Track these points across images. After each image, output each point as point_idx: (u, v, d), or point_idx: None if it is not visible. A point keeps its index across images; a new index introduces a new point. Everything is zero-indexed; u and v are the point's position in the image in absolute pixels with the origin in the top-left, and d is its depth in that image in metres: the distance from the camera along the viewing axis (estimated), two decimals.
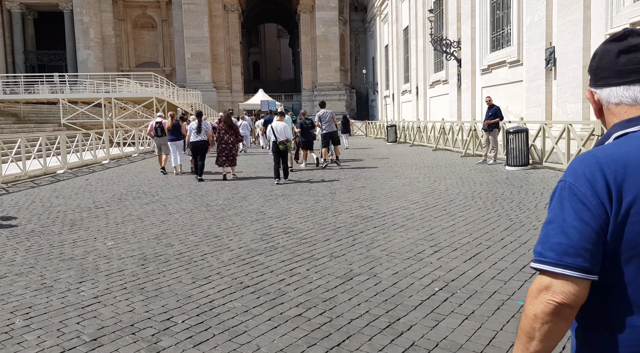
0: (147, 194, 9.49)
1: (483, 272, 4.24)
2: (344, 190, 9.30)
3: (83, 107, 23.39)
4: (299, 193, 9.13)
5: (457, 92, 24.93)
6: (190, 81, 50.11)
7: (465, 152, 14.89)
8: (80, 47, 51.62)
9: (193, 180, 11.62)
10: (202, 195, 9.21)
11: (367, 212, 7.06)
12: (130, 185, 10.96)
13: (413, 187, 9.45)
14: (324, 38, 54.39)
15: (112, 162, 16.99)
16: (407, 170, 12.39)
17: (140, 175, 13.09)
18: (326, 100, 54.19)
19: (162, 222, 6.78)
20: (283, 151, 10.66)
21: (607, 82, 1.12)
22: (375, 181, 10.47)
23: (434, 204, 7.51)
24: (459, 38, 24.33)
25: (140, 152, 20.52)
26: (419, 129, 20.78)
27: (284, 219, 6.77)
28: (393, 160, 15.30)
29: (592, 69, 1.17)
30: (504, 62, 19.17)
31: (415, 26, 33.79)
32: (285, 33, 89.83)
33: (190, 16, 51.33)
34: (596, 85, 1.15)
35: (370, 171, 12.43)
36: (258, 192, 9.38)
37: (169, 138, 13.09)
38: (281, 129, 10.70)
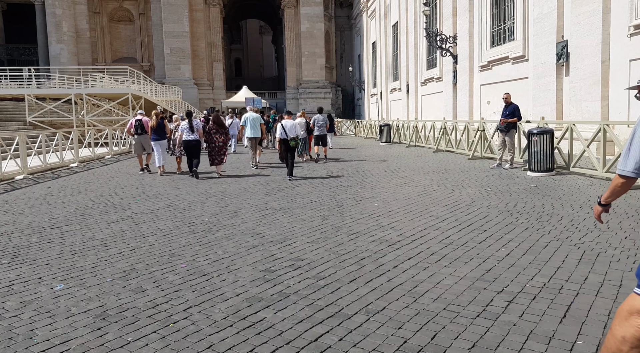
0: (118, 208, 7.95)
1: (598, 340, 2.91)
2: (352, 202, 7.93)
3: (52, 104, 21.48)
4: (299, 205, 7.72)
5: (452, 90, 23.80)
6: (170, 77, 48.11)
7: (473, 154, 13.68)
8: (53, 41, 49.08)
9: (174, 185, 10.12)
10: (183, 208, 7.73)
11: (390, 235, 5.70)
12: (99, 194, 9.38)
13: (431, 197, 8.13)
14: (309, 34, 52.95)
15: (81, 165, 15.28)
16: (415, 175, 11.09)
17: (112, 181, 11.49)
18: (311, 98, 53.34)
19: (133, 250, 5.30)
20: (293, 147, 11.31)
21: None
22: (385, 190, 9.13)
23: (468, 222, 6.19)
24: (455, 33, 23.19)
25: (115, 153, 18.79)
26: (416, 128, 19.54)
27: (289, 245, 5.37)
28: (394, 163, 14.00)
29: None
30: (507, 58, 18.06)
31: (405, 22, 32.62)
32: (268, 29, 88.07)
33: (170, 10, 49.28)
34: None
35: (374, 177, 11.09)
36: (250, 204, 7.94)
37: (152, 137, 12.68)
38: (291, 126, 11.48)
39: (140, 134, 13.00)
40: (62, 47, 49.27)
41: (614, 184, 2.42)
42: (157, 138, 12.68)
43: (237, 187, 10.00)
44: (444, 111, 24.78)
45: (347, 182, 10.37)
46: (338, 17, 59.58)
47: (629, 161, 2.31)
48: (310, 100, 52.55)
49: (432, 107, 27.75)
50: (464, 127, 14.91)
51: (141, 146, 13.14)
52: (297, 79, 53.87)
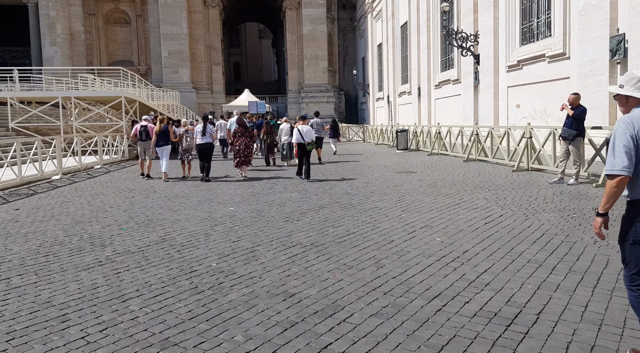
0: (96, 243, 6.05)
1: None
2: (403, 234, 6.04)
3: (37, 108, 19.57)
4: (334, 239, 5.84)
5: (473, 93, 21.99)
6: (167, 81, 46.27)
7: (518, 165, 11.81)
8: (46, 43, 47.28)
9: (171, 205, 8.22)
10: (182, 245, 5.83)
11: (495, 301, 3.82)
12: (76, 221, 7.47)
13: (505, 227, 6.26)
14: (311, 37, 51.25)
15: (65, 177, 13.37)
16: (460, 191, 9.22)
17: (97, 199, 9.59)
18: (314, 102, 51.53)
19: (104, 332, 3.41)
20: (309, 151, 11.68)
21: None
22: (436, 214, 7.24)
23: (592, 273, 4.31)
24: (477, 31, 21.41)
25: (105, 162, 16.87)
26: (438, 134, 17.68)
27: (345, 322, 3.48)
28: (424, 175, 12.13)
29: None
30: (542, 56, 16.25)
31: (417, 21, 30.86)
32: (267, 33, 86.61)
33: (168, 11, 47.52)
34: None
35: (412, 194, 9.21)
36: (269, 237, 6.06)
37: (157, 143, 12.45)
38: (307, 130, 11.73)
39: (144, 140, 12.86)
40: (55, 49, 47.52)
41: (607, 188, 2.61)
42: (161, 144, 12.43)
43: (247, 209, 8.11)
44: (463, 116, 22.98)
45: (382, 201, 8.48)
46: (341, 19, 57.91)
47: (616, 161, 2.57)
48: (312, 105, 50.79)
49: (448, 112, 25.94)
50: (504, 133, 13.04)
51: (143, 152, 12.96)
52: (298, 82, 52.11)
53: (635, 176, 2.61)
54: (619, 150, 2.57)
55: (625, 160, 2.55)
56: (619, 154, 2.57)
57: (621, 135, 2.60)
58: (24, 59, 51.30)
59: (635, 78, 2.75)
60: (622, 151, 2.56)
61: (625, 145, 2.57)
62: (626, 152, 2.57)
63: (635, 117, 2.67)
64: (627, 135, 2.59)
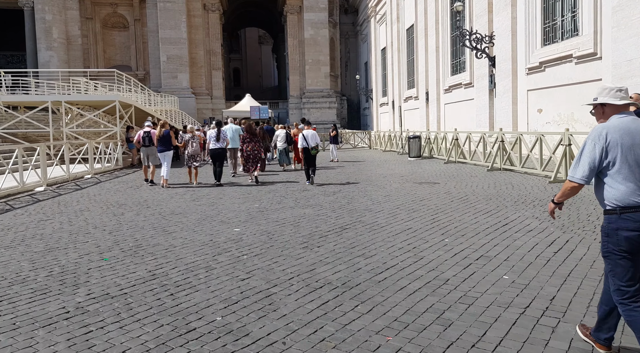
0: (67, 280, 4.78)
1: None
2: (457, 268, 4.77)
3: (25, 113, 18.32)
4: (371, 277, 4.58)
5: (488, 97, 20.79)
6: (166, 86, 45.08)
7: (555, 176, 10.56)
8: (42, 48, 46.12)
9: (166, 224, 6.95)
10: (176, 285, 4.55)
11: None
12: (49, 247, 6.19)
13: (584, 260, 5.00)
14: (313, 41, 50.20)
15: (50, 189, 12.09)
16: (502, 208, 7.96)
17: (80, 217, 8.31)
18: (315, 107, 50.38)
19: None
20: (314, 156, 11.93)
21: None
22: (486, 240, 5.98)
23: None
24: (492, 32, 20.27)
25: (97, 172, 15.59)
26: (456, 141, 16.45)
27: None
28: (450, 186, 10.88)
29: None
30: (568, 56, 15.05)
31: (424, 23, 29.75)
32: (267, 39, 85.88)
33: (167, 15, 46.47)
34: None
35: (446, 211, 7.94)
36: (284, 268, 4.80)
37: (158, 149, 12.34)
38: (312, 135, 11.97)
39: (147, 145, 12.71)
40: (51, 54, 46.39)
41: (565, 188, 2.89)
42: (162, 149, 12.29)
43: (256, 230, 6.84)
44: (477, 121, 21.77)
45: (413, 221, 7.22)
46: (343, 24, 56.93)
47: (578, 170, 2.78)
48: (314, 110, 49.73)
49: (459, 117, 24.74)
50: (535, 140, 11.79)
51: (147, 158, 12.83)
52: (300, 88, 50.99)
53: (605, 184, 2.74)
54: (583, 160, 2.75)
55: (586, 171, 2.74)
56: (582, 164, 2.75)
57: (589, 147, 2.75)
58: (20, 64, 50.08)
59: (607, 88, 2.85)
60: (586, 162, 2.73)
61: (590, 158, 2.73)
62: (589, 163, 2.73)
63: (611, 126, 2.75)
64: (596, 148, 2.72)
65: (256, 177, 12.66)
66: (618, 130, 2.71)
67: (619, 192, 2.68)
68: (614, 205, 2.70)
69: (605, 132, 2.71)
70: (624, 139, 2.69)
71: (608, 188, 2.72)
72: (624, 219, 2.67)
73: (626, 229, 2.67)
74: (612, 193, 2.71)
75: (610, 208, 2.73)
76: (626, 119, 2.76)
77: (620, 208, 2.68)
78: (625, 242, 2.68)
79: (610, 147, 2.68)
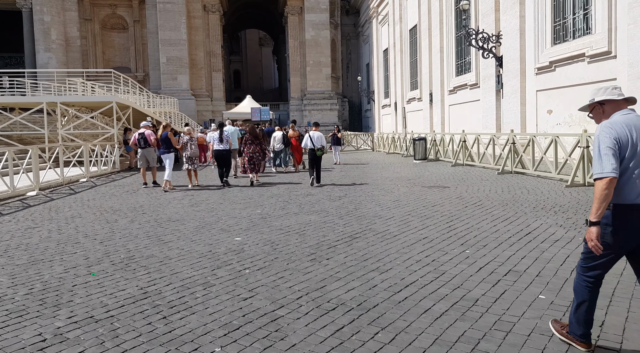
0: (48, 299, 4.27)
1: None
2: (485, 285, 4.26)
3: (19, 115, 17.82)
4: (386, 292, 4.08)
5: (495, 98, 20.30)
6: (166, 88, 44.62)
7: (572, 180, 10.05)
8: (40, 49, 45.70)
9: (162, 232, 6.44)
10: (170, 304, 4.03)
11: None
12: (33, 259, 5.68)
13: (627, 274, 4.48)
14: (314, 42, 49.75)
15: (42, 193, 11.58)
16: (521, 215, 7.44)
17: (70, 224, 7.80)
18: (317, 109, 49.96)
19: None
20: (319, 157, 11.97)
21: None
22: (511, 251, 5.46)
23: None
24: (499, 31, 19.79)
25: (93, 175, 15.09)
26: (464, 143, 15.94)
27: None
28: (462, 191, 10.36)
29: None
30: (581, 56, 14.56)
31: (427, 24, 29.29)
32: (268, 41, 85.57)
33: (166, 16, 46.04)
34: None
35: (459, 218, 7.42)
36: (291, 285, 4.30)
37: (160, 151, 12.32)
38: (317, 137, 12.03)
39: (144, 147, 12.48)
40: (50, 56, 45.98)
41: (597, 191, 2.59)
42: (162, 151, 12.21)
43: (258, 240, 6.33)
44: (483, 123, 21.28)
45: (427, 229, 6.71)
46: (344, 25, 56.50)
47: (604, 164, 2.59)
48: (315, 112, 49.28)
49: (464, 118, 24.24)
50: (551, 141, 11.27)
51: (145, 160, 12.61)
52: (301, 89, 50.54)
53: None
54: (605, 153, 2.61)
55: (613, 161, 2.59)
56: (605, 156, 2.61)
57: (605, 138, 2.63)
58: (18, 66, 49.60)
59: (602, 88, 2.82)
60: (610, 154, 2.60)
61: (611, 148, 2.60)
62: (613, 154, 2.60)
63: (616, 122, 2.69)
64: (612, 137, 2.62)
65: (257, 179, 12.80)
66: (625, 125, 2.66)
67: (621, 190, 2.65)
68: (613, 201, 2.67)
69: (611, 127, 2.67)
70: (632, 133, 2.64)
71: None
72: (614, 216, 2.67)
73: (616, 226, 2.67)
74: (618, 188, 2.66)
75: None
76: (630, 115, 2.71)
77: (614, 205, 2.66)
78: (611, 236, 2.69)
79: (623, 142, 2.63)
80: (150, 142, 12.46)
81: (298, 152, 17.01)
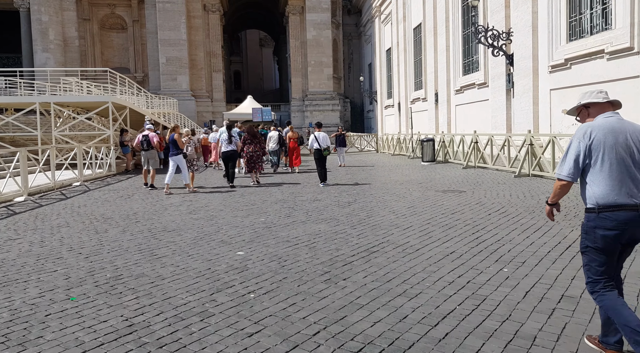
0: (13, 334, 3.55)
1: None
2: (537, 316, 3.54)
3: (11, 116, 17.11)
4: (420, 325, 3.37)
5: (505, 97, 19.56)
6: (165, 88, 43.94)
7: None
8: (38, 50, 45.04)
9: (156, 245, 5.73)
10: (159, 341, 3.32)
11: None
12: (6, 279, 4.96)
13: None
14: (316, 42, 49.08)
15: (31, 199, 10.87)
16: (553, 224, 6.72)
17: (55, 235, 7.09)
18: (318, 110, 49.25)
19: None
20: (325, 157, 12.18)
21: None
22: (555, 269, 4.75)
23: None
24: (509, 28, 19.08)
25: (87, 178, 14.38)
26: (476, 145, 15.23)
27: None
28: (481, 196, 9.65)
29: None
30: (599, 52, 13.84)
31: (433, 22, 28.58)
32: (268, 42, 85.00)
33: (166, 16, 45.37)
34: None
35: (486, 228, 6.71)
36: (305, 315, 3.58)
37: (171, 152, 11.80)
38: (323, 137, 12.25)
39: (146, 149, 12.50)
40: (48, 56, 45.32)
41: (555, 187, 2.94)
42: (172, 154, 11.80)
43: (263, 254, 5.61)
44: (492, 123, 20.54)
45: (452, 241, 5.99)
46: (346, 25, 55.83)
47: (564, 167, 2.82)
48: (317, 113, 48.61)
49: (471, 118, 23.51)
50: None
51: (147, 162, 12.58)
52: (302, 90, 49.86)
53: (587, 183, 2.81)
54: (569, 157, 2.81)
55: (572, 168, 2.79)
56: (568, 161, 2.81)
57: (575, 145, 2.80)
58: (16, 67, 48.81)
59: (589, 91, 2.98)
60: (572, 159, 2.79)
61: (576, 154, 2.78)
62: (574, 160, 2.79)
63: (595, 125, 2.80)
64: (581, 146, 2.77)
65: (257, 179, 13.08)
66: (603, 129, 2.75)
67: (599, 191, 2.74)
68: (593, 204, 2.77)
69: (590, 130, 2.76)
70: (608, 138, 2.73)
71: (589, 187, 2.79)
72: (601, 218, 2.74)
73: (603, 228, 2.74)
74: (592, 192, 2.77)
75: (590, 207, 2.81)
76: (612, 118, 2.81)
77: (599, 207, 2.74)
78: (602, 240, 2.77)
79: (594, 146, 2.73)
80: (153, 144, 12.51)
81: (296, 154, 16.58)
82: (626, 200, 2.69)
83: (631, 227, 2.71)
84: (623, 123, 2.79)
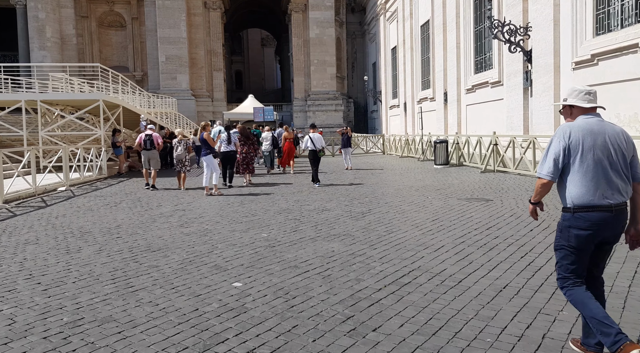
0: None
1: None
2: None
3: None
4: None
5: (522, 97, 18.40)
6: (165, 88, 42.87)
7: None
8: (35, 47, 43.97)
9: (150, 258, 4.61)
10: None
11: None
12: None
13: None
14: (319, 41, 47.99)
15: (6, 207, 9.73)
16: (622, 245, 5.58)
17: (17, 256, 5.94)
18: (321, 110, 48.08)
19: None
20: (319, 158, 12.66)
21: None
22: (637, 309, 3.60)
23: None
24: (527, 23, 17.93)
25: (74, 183, 13.24)
26: (495, 147, 14.07)
27: None
28: (513, 206, 8.49)
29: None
30: (633, 46, 12.65)
31: (442, 18, 27.41)
32: (270, 41, 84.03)
33: (166, 14, 44.33)
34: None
35: (533, 249, 5.55)
36: None
37: (203, 152, 11.65)
38: (318, 138, 12.67)
39: (149, 149, 12.45)
40: (45, 54, 44.25)
41: (536, 186, 2.93)
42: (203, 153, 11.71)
43: (267, 286, 4.47)
44: (507, 124, 19.36)
45: (501, 270, 4.85)
46: (349, 23, 54.71)
47: (544, 166, 2.83)
48: (319, 113, 47.52)
49: (483, 119, 22.34)
50: None
51: (148, 162, 12.49)
52: (305, 89, 48.75)
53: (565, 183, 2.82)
54: (549, 157, 2.81)
55: (551, 167, 2.79)
56: (548, 160, 2.82)
57: (555, 145, 2.82)
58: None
59: (577, 90, 2.93)
60: (551, 158, 2.79)
61: (556, 154, 2.79)
62: (554, 160, 2.79)
63: (575, 126, 2.84)
64: (560, 146, 2.79)
65: (250, 180, 13.32)
66: (581, 130, 2.79)
67: (575, 191, 2.77)
68: (569, 204, 2.80)
69: (569, 131, 2.80)
70: (586, 139, 2.76)
71: (567, 187, 2.81)
72: (576, 218, 2.78)
73: (577, 228, 2.78)
74: (569, 191, 2.80)
75: (566, 207, 2.84)
76: (592, 120, 2.84)
77: (575, 207, 2.78)
78: (575, 239, 2.81)
79: (572, 146, 2.76)
80: (157, 144, 12.53)
81: (290, 155, 15.90)
82: (600, 201, 2.73)
83: (603, 228, 2.75)
84: (603, 125, 2.82)
